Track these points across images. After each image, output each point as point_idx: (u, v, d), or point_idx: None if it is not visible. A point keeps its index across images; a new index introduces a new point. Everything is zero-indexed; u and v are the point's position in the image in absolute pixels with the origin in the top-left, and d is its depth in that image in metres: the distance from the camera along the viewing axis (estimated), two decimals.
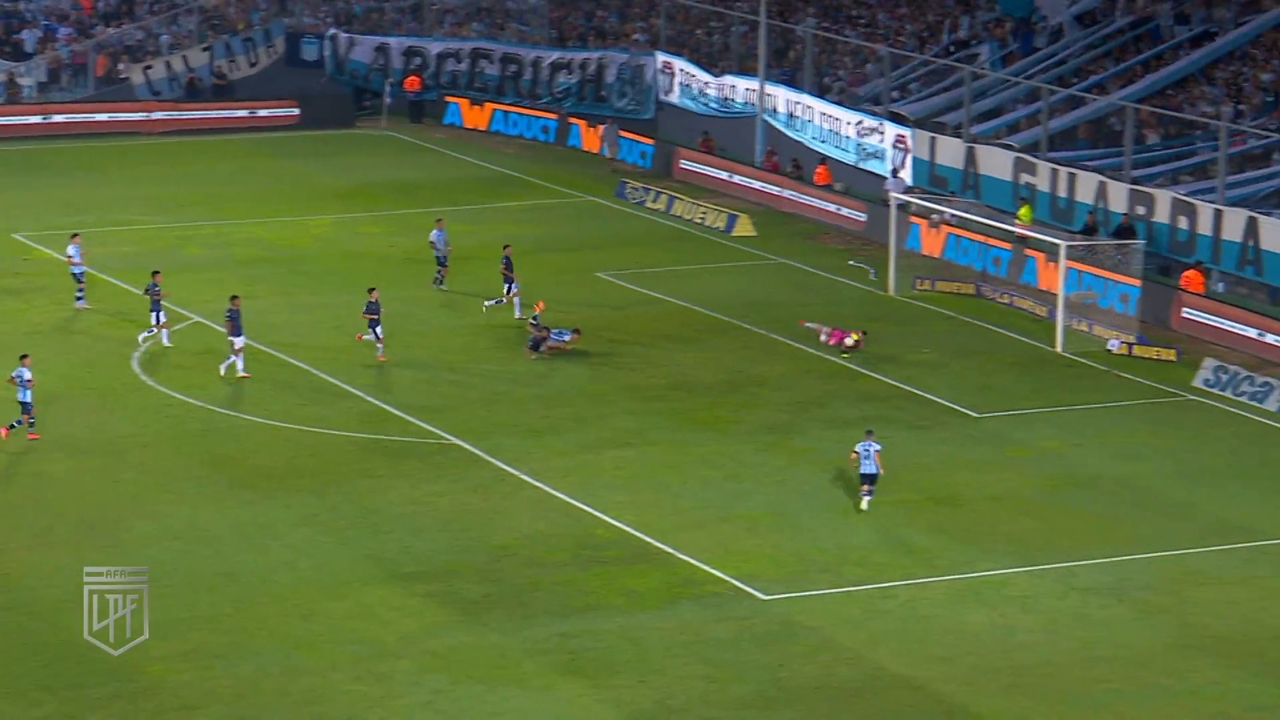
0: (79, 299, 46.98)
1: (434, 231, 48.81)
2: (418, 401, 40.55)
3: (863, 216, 55.39)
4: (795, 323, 46.06)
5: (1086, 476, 36.98)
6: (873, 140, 57.74)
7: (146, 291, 43.84)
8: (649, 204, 57.95)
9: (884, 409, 39.96)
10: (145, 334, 43.74)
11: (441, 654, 29.09)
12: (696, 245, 54.18)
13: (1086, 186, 50.99)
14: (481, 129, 67.89)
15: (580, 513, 34.78)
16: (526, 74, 68.77)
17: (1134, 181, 50.32)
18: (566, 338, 43.66)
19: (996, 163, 53.81)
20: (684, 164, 61.84)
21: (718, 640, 29.65)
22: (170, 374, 42.11)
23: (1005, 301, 48.57)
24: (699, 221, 56.12)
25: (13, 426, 37.63)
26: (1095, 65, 57.55)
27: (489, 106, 68.17)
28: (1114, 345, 44.80)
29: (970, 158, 54.60)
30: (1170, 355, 44.25)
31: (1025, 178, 52.74)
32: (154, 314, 43.49)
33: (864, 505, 34.85)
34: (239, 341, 41.23)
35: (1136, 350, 44.55)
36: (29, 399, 37.70)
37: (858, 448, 35.05)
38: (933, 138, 55.96)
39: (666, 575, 32.07)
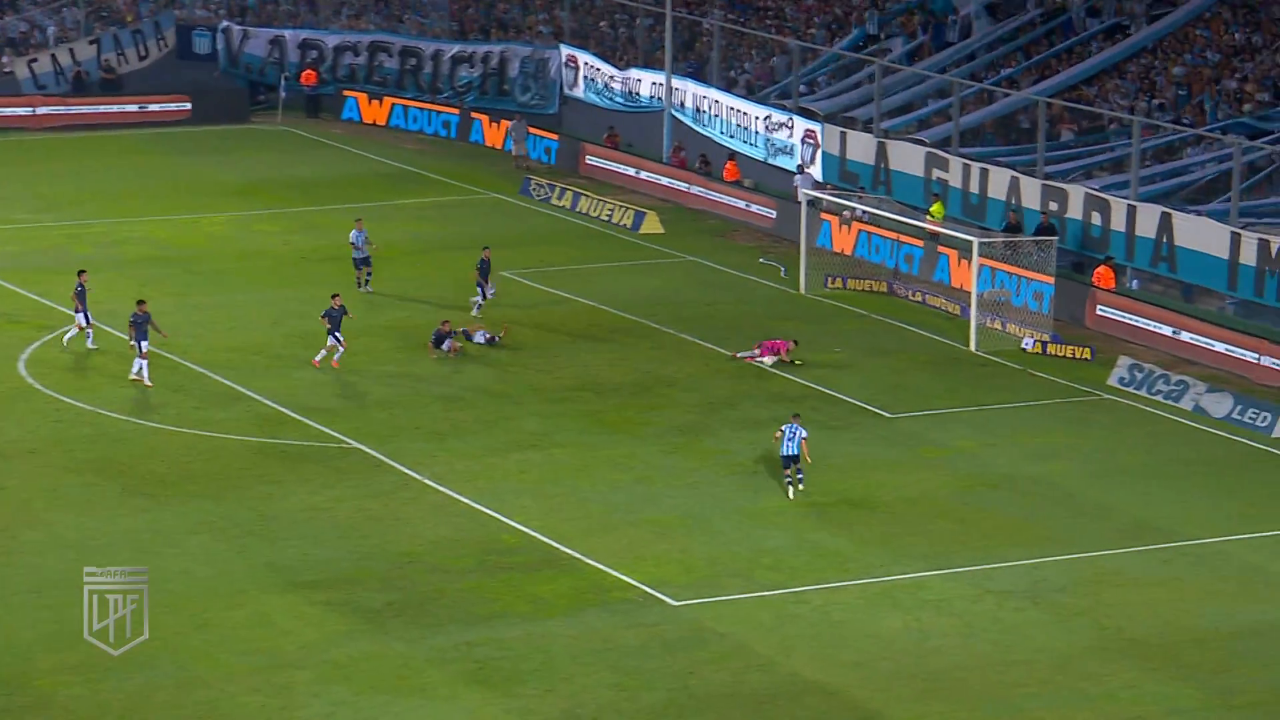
0: None
1: (353, 232, 48.23)
2: (317, 404, 40.32)
3: (773, 213, 55.55)
4: (701, 319, 46.17)
5: (1001, 477, 37.23)
6: (781, 135, 57.93)
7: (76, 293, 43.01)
8: (554, 201, 57.90)
9: (796, 409, 40.01)
10: (86, 339, 42.86)
11: (343, 664, 28.92)
12: (603, 243, 54.17)
13: (999, 182, 51.34)
14: (380, 124, 67.61)
15: (485, 518, 34.68)
16: (426, 67, 68.53)
17: (1047, 177, 50.72)
18: (490, 339, 43.73)
19: (908, 158, 54.11)
20: (590, 160, 61.82)
21: (627, 647, 29.64)
22: (59, 378, 41.64)
23: (918, 299, 48.84)
24: (606, 219, 56.12)
25: None
26: (1007, 59, 57.97)
27: (388, 101, 67.89)
28: (1028, 344, 45.13)
29: (881, 153, 54.87)
30: (1085, 354, 44.63)
31: (937, 173, 53.06)
32: (80, 314, 42.82)
33: (791, 494, 35.35)
34: (144, 346, 40.78)
35: (1051, 349, 44.90)
36: None
37: (784, 428, 35.65)
38: (843, 133, 56.19)
39: (574, 581, 32.03)
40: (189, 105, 67.30)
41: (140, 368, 40.79)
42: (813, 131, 56.90)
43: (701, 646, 29.74)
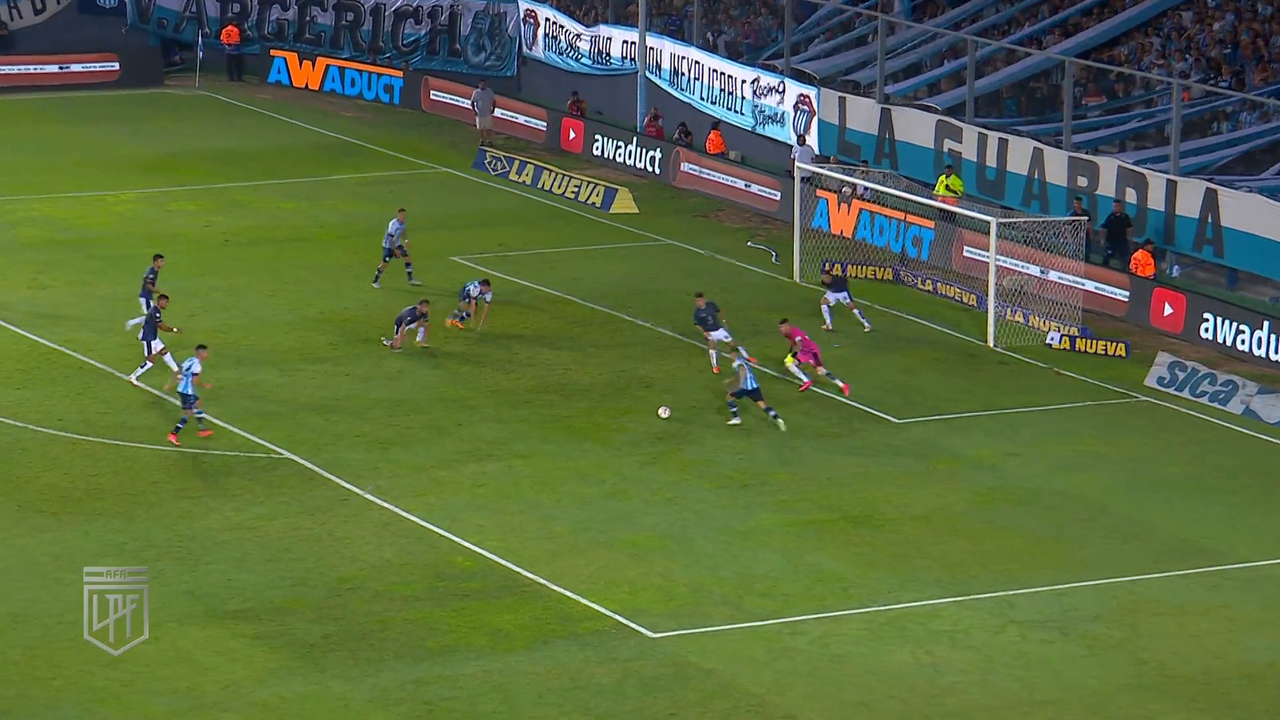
0: None
1: (393, 222, 47.72)
2: (242, 408, 40.30)
3: (760, 190, 55.60)
4: (681, 311, 46.28)
5: (1025, 491, 37.36)
6: (771, 101, 58.03)
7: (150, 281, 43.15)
8: (513, 176, 57.96)
9: (789, 414, 40.15)
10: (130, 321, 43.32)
11: (274, 706, 28.94)
12: (569, 224, 54.26)
13: (1020, 154, 51.48)
14: (313, 88, 67.67)
15: (436, 538, 34.72)
16: (366, 23, 68.58)
17: (1075, 148, 50.85)
18: (475, 290, 44.05)
19: (916, 127, 54.20)
20: None
21: (598, 686, 29.70)
22: None
23: (928, 288, 48.99)
24: (572, 196, 56.19)
25: (178, 428, 38.07)
26: (1027, 15, 58.10)
27: (322, 62, 67.93)
28: (1054, 338, 45.29)
29: (886, 121, 54.97)
30: (1119, 350, 44.78)
31: (949, 144, 53.18)
32: (144, 299, 42.89)
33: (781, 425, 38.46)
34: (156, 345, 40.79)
35: (1080, 344, 45.05)
36: (191, 390, 37.86)
37: (735, 365, 38.72)
38: (841, 98, 56.31)
39: (538, 610, 32.09)
40: (117, 65, 67.18)
41: (140, 369, 40.75)
42: (807, 97, 57.01)
43: (684, 685, 29.79)
